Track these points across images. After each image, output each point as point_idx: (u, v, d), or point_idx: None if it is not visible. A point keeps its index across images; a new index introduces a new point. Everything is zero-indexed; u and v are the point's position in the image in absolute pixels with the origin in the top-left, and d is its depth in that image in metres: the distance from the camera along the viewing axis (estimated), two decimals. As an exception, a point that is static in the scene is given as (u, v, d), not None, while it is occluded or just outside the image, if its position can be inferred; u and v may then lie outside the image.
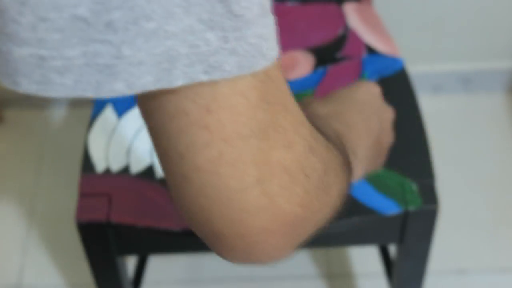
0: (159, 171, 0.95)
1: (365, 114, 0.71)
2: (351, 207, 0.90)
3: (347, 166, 0.56)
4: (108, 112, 1.02)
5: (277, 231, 0.44)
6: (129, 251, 0.97)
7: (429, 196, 0.91)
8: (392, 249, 1.09)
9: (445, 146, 1.57)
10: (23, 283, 1.42)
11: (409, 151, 0.96)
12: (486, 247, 1.43)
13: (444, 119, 1.63)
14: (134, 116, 1.01)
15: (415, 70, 1.62)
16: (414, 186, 0.92)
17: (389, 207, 0.90)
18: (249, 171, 0.41)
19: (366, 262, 1.40)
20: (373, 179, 0.93)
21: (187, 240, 0.93)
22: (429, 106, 1.63)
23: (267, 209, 0.43)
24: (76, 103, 1.68)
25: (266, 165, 0.42)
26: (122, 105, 1.02)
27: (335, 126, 0.62)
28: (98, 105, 1.03)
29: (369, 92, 0.75)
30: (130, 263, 1.33)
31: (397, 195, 0.91)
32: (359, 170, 0.66)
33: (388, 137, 0.77)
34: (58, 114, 1.68)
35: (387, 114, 0.77)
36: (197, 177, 0.41)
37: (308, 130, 0.46)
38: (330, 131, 0.59)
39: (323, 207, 0.48)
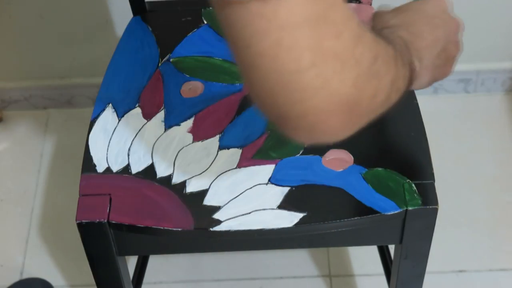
0: (159, 171, 0.96)
1: (433, 25, 0.76)
2: (350, 207, 0.91)
3: (404, 62, 0.64)
4: (109, 113, 1.02)
5: (334, 111, 0.52)
6: (130, 251, 0.97)
7: (429, 196, 0.91)
8: (391, 249, 1.10)
9: (444, 146, 1.58)
10: (23, 283, 1.42)
11: (408, 151, 0.96)
12: (486, 248, 1.43)
13: (444, 119, 1.64)
14: (134, 117, 1.01)
15: (415, 70, 1.62)
16: (414, 186, 0.92)
17: (389, 207, 0.91)
18: (304, 55, 0.49)
19: (366, 262, 1.40)
20: (372, 179, 0.93)
21: (187, 240, 0.93)
22: (429, 106, 1.63)
23: (323, 89, 0.50)
24: (76, 103, 1.68)
25: (318, 51, 0.49)
26: (122, 106, 1.03)
27: (401, 33, 0.71)
28: (98, 106, 1.03)
29: (438, 5, 0.79)
30: (130, 263, 1.34)
31: (396, 195, 0.91)
32: (425, 76, 0.75)
33: (455, 47, 0.80)
34: (58, 114, 1.68)
35: (455, 25, 0.80)
36: (261, 63, 0.49)
37: (356, 23, 0.53)
38: (395, 37, 0.68)
39: (376, 92, 0.56)
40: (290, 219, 0.90)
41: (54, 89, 1.65)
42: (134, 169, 0.96)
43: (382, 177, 0.93)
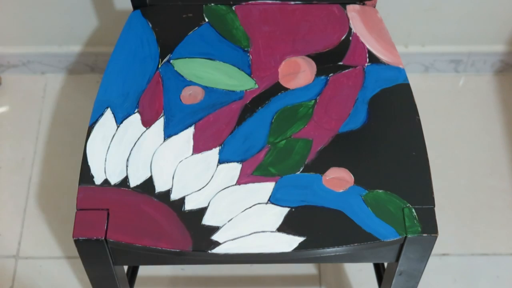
0: (158, 185, 0.87)
1: None
2: (350, 232, 0.84)
3: None
4: (107, 118, 0.93)
5: None
6: (126, 263, 0.90)
7: (429, 223, 0.84)
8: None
9: (432, 125, 1.50)
10: (20, 254, 1.35)
11: (409, 172, 0.88)
12: (468, 231, 1.37)
13: (433, 97, 1.55)
14: (133, 124, 0.92)
15: (408, 50, 1.53)
16: (414, 212, 0.85)
17: (388, 234, 0.83)
18: None
19: (359, 272, 1.33)
20: (372, 203, 0.85)
21: (187, 257, 0.86)
22: (419, 84, 1.55)
23: None
24: (74, 70, 1.58)
25: None
26: (121, 111, 0.93)
27: None
28: (97, 109, 0.94)
29: None
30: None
31: (396, 221, 0.84)
32: None
33: None
34: (56, 80, 1.58)
35: None
36: None
37: None
38: None
39: None
40: (289, 243, 0.83)
41: (53, 56, 1.54)
42: (133, 182, 0.88)
43: (382, 200, 0.86)
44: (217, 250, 0.82)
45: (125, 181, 0.88)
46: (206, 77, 0.97)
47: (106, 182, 0.88)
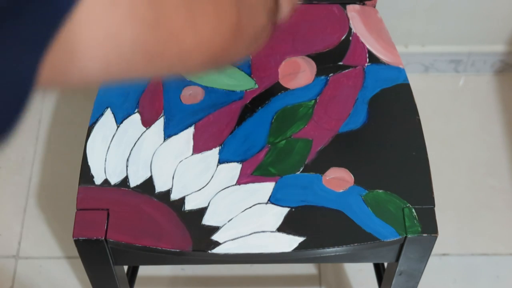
0: (158, 185, 0.87)
1: None
2: (350, 232, 0.84)
3: None
4: (107, 118, 0.93)
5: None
6: (126, 263, 0.90)
7: (428, 222, 0.84)
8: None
9: (432, 125, 1.50)
10: (20, 254, 1.35)
11: (409, 172, 0.88)
12: (468, 231, 1.37)
13: (433, 97, 1.55)
14: (133, 124, 0.92)
15: (408, 50, 1.53)
16: (414, 212, 0.85)
17: (388, 234, 0.83)
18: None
19: (359, 272, 1.33)
20: (372, 203, 0.85)
21: (187, 257, 0.86)
22: (419, 84, 1.55)
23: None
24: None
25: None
26: (121, 111, 0.93)
27: None
28: (97, 110, 0.94)
29: None
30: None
31: (396, 221, 0.84)
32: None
33: None
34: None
35: None
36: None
37: None
38: None
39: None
40: (289, 243, 0.83)
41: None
42: (133, 182, 0.88)
43: (382, 200, 0.86)
44: (217, 250, 0.82)
45: (125, 181, 0.88)
46: (206, 77, 0.97)
47: (106, 182, 0.88)
